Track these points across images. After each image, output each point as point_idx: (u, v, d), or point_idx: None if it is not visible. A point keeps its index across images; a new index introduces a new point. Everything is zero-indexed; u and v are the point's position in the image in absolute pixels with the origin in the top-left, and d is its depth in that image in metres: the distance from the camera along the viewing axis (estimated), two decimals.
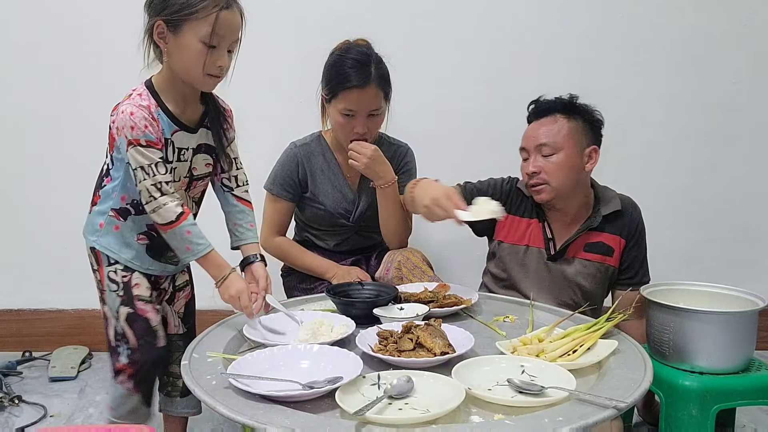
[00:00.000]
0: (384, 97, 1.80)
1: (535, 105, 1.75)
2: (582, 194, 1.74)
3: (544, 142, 1.66)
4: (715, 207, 2.58)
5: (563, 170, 1.66)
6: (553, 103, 1.71)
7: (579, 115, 1.70)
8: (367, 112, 1.76)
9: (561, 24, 2.45)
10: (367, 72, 1.73)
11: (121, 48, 2.40)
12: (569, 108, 1.70)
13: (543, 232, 1.74)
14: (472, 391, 1.00)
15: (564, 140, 1.66)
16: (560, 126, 1.67)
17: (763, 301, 1.49)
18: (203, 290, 2.52)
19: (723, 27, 2.46)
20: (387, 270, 1.76)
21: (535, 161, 1.68)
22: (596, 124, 1.73)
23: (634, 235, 1.75)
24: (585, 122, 1.70)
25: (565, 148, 1.66)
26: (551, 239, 1.73)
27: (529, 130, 1.73)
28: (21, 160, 2.45)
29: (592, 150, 1.70)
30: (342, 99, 1.75)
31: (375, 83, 1.74)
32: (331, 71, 1.78)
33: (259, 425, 0.91)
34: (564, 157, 1.66)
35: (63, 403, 2.05)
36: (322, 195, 1.91)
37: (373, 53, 1.78)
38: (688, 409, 1.47)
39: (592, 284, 1.73)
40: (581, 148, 1.68)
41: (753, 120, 2.53)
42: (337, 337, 1.25)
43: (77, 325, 2.53)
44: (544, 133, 1.67)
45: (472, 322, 1.44)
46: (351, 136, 1.79)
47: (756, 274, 2.62)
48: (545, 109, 1.71)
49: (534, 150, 1.68)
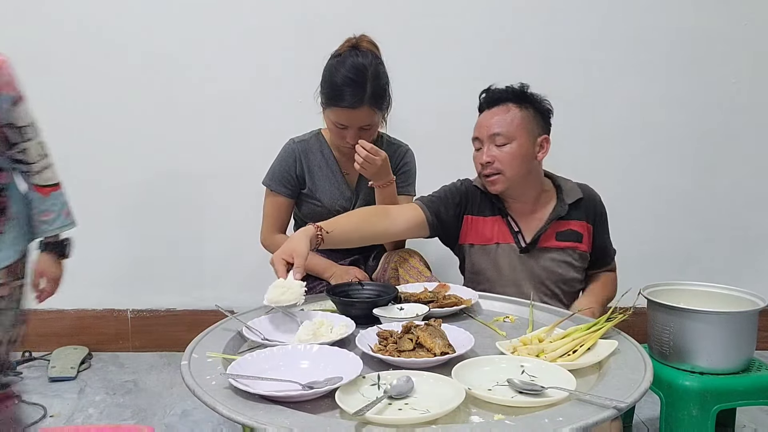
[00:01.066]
0: (378, 110, 1.78)
1: (487, 94, 1.73)
2: (536, 183, 1.74)
3: (498, 131, 1.66)
4: (715, 207, 2.59)
5: (517, 160, 1.66)
6: (504, 92, 1.70)
7: (530, 104, 1.69)
8: (358, 127, 1.76)
9: (561, 24, 2.45)
10: (361, 92, 1.71)
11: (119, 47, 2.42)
12: (521, 97, 1.69)
13: (508, 226, 1.73)
14: (472, 392, 1.00)
15: (517, 130, 1.66)
16: (513, 115, 1.67)
17: (763, 301, 1.49)
18: (204, 290, 2.55)
19: (723, 27, 2.47)
20: (384, 270, 1.76)
21: (489, 151, 1.67)
22: (546, 114, 1.73)
23: (599, 218, 1.78)
24: (536, 111, 1.70)
25: (518, 138, 1.66)
26: (518, 232, 1.72)
27: (482, 119, 1.72)
28: None
29: (543, 139, 1.71)
30: (334, 113, 1.75)
31: (368, 104, 1.72)
32: (326, 81, 1.77)
33: (259, 425, 0.91)
34: (517, 146, 1.66)
35: (63, 403, 2.05)
36: (320, 192, 1.91)
37: (370, 67, 1.73)
38: (688, 409, 1.47)
39: (570, 271, 1.73)
40: (533, 137, 1.68)
41: (753, 120, 2.53)
42: (336, 337, 1.25)
43: (77, 325, 2.53)
44: (497, 122, 1.67)
45: (472, 322, 1.44)
46: (342, 143, 1.81)
47: (756, 274, 2.62)
48: (497, 98, 1.70)
49: (487, 139, 1.68)
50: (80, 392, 2.15)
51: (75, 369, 2.28)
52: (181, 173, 2.49)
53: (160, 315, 2.55)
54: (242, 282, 2.52)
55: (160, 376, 2.31)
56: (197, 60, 2.42)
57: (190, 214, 2.52)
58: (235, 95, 2.44)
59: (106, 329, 2.54)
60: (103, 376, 2.30)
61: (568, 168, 2.38)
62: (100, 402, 2.08)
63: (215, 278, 2.56)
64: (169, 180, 2.49)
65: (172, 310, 2.56)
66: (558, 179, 1.80)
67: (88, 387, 2.20)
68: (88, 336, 2.52)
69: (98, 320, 2.54)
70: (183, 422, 1.95)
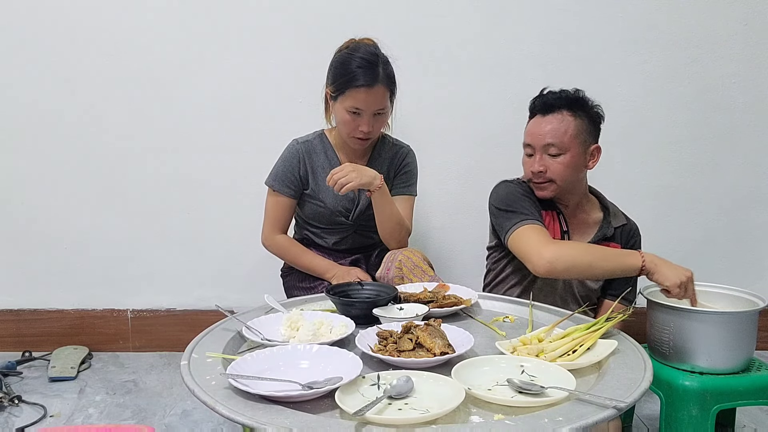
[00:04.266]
0: (390, 96, 1.82)
1: (541, 98, 1.72)
2: (580, 189, 1.76)
3: (552, 142, 1.66)
4: (715, 207, 2.58)
5: (569, 170, 1.67)
6: (559, 98, 1.69)
7: (584, 112, 1.69)
8: (373, 111, 1.78)
9: (561, 24, 2.45)
10: (375, 72, 1.75)
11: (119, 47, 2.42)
12: (575, 104, 1.68)
13: (559, 223, 1.74)
14: (471, 391, 1.00)
15: (571, 141, 1.66)
16: (567, 125, 1.66)
17: (763, 301, 1.49)
18: (204, 290, 2.55)
19: (723, 27, 2.46)
20: (388, 269, 1.76)
21: (542, 160, 1.68)
22: (598, 120, 1.73)
23: (634, 248, 1.77)
24: (589, 120, 1.70)
25: (572, 149, 1.66)
26: (566, 231, 1.74)
27: (535, 125, 1.70)
28: (21, 161, 2.45)
29: (595, 149, 1.71)
30: (349, 97, 1.76)
31: (383, 83, 1.76)
32: (338, 69, 1.79)
33: (259, 425, 0.91)
34: (570, 157, 1.66)
35: (63, 403, 2.05)
36: (323, 192, 1.91)
37: (380, 53, 1.80)
38: (688, 409, 1.47)
39: (597, 285, 1.77)
40: (586, 147, 1.69)
41: (753, 120, 2.53)
42: (336, 337, 1.25)
43: (77, 325, 2.53)
44: (551, 132, 1.66)
45: (471, 322, 1.44)
46: (356, 133, 1.80)
47: (756, 274, 2.62)
48: (552, 104, 1.69)
49: (540, 149, 1.68)
50: (80, 392, 2.15)
51: (75, 369, 2.28)
52: (182, 173, 2.49)
53: (160, 315, 2.55)
54: (242, 282, 2.53)
55: (160, 376, 2.31)
56: (196, 60, 2.42)
57: (190, 214, 2.52)
58: (236, 96, 2.44)
59: (106, 329, 2.54)
60: (103, 376, 2.30)
61: None
62: (100, 402, 2.08)
63: (215, 278, 2.56)
64: (170, 180, 2.49)
65: (172, 310, 2.56)
66: (606, 200, 1.82)
67: (88, 387, 2.20)
68: (88, 336, 2.52)
69: (98, 320, 2.54)
70: (183, 422, 1.95)
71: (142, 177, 2.49)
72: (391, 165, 1.97)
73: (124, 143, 2.47)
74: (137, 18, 2.40)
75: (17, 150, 2.45)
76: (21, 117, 2.43)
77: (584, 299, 1.77)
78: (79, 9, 2.38)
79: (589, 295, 1.79)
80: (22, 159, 2.45)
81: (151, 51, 2.41)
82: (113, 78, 2.43)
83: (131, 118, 2.45)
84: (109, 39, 2.40)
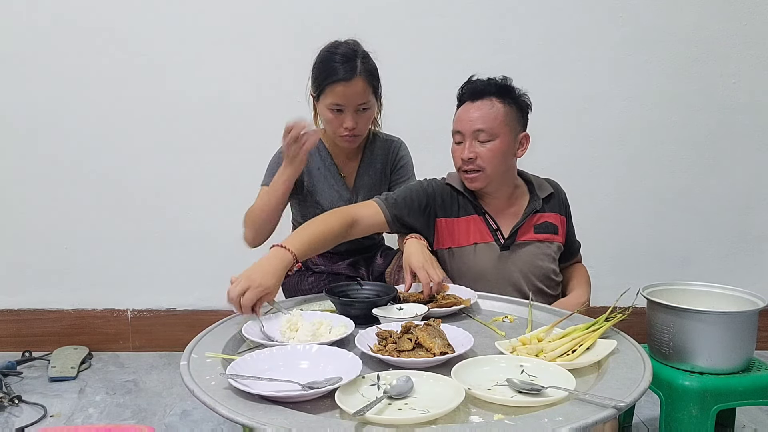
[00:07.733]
0: (372, 92, 1.77)
1: (470, 85, 1.69)
2: (512, 179, 1.73)
3: (481, 127, 1.62)
4: (715, 207, 2.59)
5: (498, 157, 1.64)
6: (488, 84, 1.66)
7: (512, 100, 1.66)
8: (355, 107, 1.74)
9: (561, 24, 2.45)
10: (353, 65, 1.72)
11: (124, 48, 2.42)
12: (504, 91, 1.66)
13: (487, 224, 1.70)
14: (471, 391, 1.00)
15: (500, 127, 1.63)
16: (497, 111, 1.63)
17: (763, 301, 1.49)
18: (204, 290, 2.55)
19: (723, 27, 2.47)
20: (399, 270, 1.74)
21: (472, 147, 1.64)
22: (525, 108, 1.70)
23: (567, 210, 1.81)
24: (517, 107, 1.67)
25: (501, 135, 1.63)
26: (497, 230, 1.70)
27: (464, 112, 1.67)
28: (22, 161, 2.45)
29: (523, 137, 1.69)
30: (329, 93, 1.73)
31: (362, 76, 1.73)
32: (318, 67, 1.77)
33: (259, 425, 0.91)
34: (500, 143, 1.63)
35: (63, 403, 2.05)
36: (319, 194, 1.90)
37: (360, 49, 1.77)
38: (688, 409, 1.47)
39: (551, 264, 1.73)
40: (515, 134, 1.67)
41: (753, 120, 2.53)
42: (336, 337, 1.25)
43: (77, 325, 2.53)
44: (481, 118, 1.63)
45: (471, 322, 1.44)
46: (341, 131, 1.77)
47: (756, 274, 2.62)
48: (480, 90, 1.66)
49: (470, 135, 1.64)
50: (80, 392, 2.15)
51: (75, 369, 2.28)
52: (181, 173, 2.49)
53: (160, 315, 2.56)
54: None
55: (160, 376, 2.31)
56: (197, 60, 2.42)
57: (190, 214, 2.52)
58: (237, 96, 2.44)
59: (106, 329, 2.54)
60: (103, 376, 2.30)
61: (568, 168, 2.38)
62: (100, 402, 2.08)
63: (215, 278, 2.55)
64: (170, 180, 2.49)
65: (172, 310, 2.56)
66: (527, 175, 1.79)
67: (88, 387, 2.20)
68: (88, 336, 2.53)
69: (98, 320, 2.54)
70: (183, 422, 1.95)
71: (142, 177, 2.49)
72: (386, 161, 1.95)
73: (125, 143, 2.47)
74: (138, 18, 2.40)
75: (17, 150, 2.45)
76: (21, 117, 2.43)
77: (546, 279, 1.74)
78: (76, 10, 2.38)
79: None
80: (22, 159, 2.45)
81: (150, 51, 2.41)
82: (113, 78, 2.43)
83: (132, 118, 2.46)
84: (105, 39, 2.40)
